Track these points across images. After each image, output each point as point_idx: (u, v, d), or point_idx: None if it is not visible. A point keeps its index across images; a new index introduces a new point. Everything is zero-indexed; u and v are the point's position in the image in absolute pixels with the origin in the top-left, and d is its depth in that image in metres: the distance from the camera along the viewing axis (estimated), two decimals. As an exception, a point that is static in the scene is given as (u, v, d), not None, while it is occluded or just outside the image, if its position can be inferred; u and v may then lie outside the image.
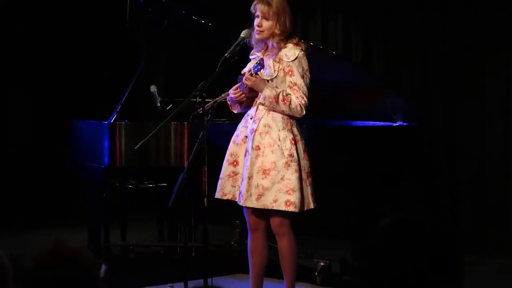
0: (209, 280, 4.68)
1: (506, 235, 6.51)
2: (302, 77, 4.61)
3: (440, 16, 6.77)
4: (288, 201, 4.54)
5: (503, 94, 6.48)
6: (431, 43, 6.83)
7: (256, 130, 4.63)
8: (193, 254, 6.21)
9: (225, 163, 4.75)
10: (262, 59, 4.70)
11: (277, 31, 4.62)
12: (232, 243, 6.60)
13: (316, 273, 5.70)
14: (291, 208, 4.55)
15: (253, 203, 4.59)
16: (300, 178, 4.59)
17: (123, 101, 6.00)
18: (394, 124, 5.83)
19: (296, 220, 4.74)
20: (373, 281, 1.86)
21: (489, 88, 6.55)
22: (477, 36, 6.57)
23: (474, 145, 6.64)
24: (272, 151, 4.57)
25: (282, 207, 4.55)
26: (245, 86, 4.69)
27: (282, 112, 4.61)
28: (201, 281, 4.69)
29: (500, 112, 6.49)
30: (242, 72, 4.73)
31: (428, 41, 6.85)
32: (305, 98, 4.59)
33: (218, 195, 4.75)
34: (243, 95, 4.72)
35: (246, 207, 4.67)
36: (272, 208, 4.58)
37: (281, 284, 4.86)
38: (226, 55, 4.64)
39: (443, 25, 6.75)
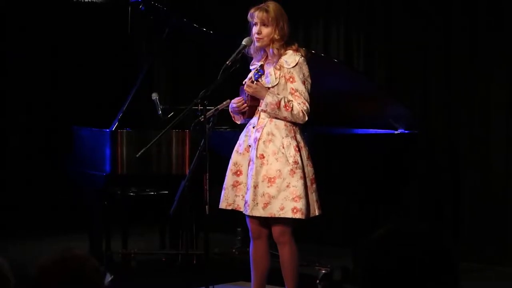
0: (211, 288, 4.67)
1: (507, 243, 6.50)
2: (303, 83, 4.61)
3: (441, 24, 6.77)
4: (295, 208, 4.54)
5: (505, 101, 6.47)
6: (433, 51, 6.83)
7: (259, 138, 4.62)
8: (194, 262, 6.21)
9: (228, 173, 4.75)
10: (262, 65, 4.71)
11: (276, 36, 4.63)
12: (234, 251, 6.59)
13: (318, 281, 5.70)
14: (298, 215, 4.54)
15: (259, 212, 4.58)
16: (305, 185, 4.59)
17: (124, 108, 6.00)
18: (396, 132, 5.83)
19: (298, 227, 4.74)
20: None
21: (491, 95, 6.55)
22: (479, 43, 6.57)
23: (476, 153, 6.63)
24: (276, 159, 4.57)
25: (289, 215, 4.55)
26: (246, 94, 4.70)
27: (285, 119, 4.61)
28: (203, 289, 4.68)
29: (503, 120, 6.48)
30: (244, 82, 4.73)
31: (429, 49, 6.85)
32: (307, 104, 4.59)
33: (222, 205, 4.75)
34: (245, 104, 4.72)
35: (254, 216, 4.66)
36: (279, 216, 4.57)
37: (283, 292, 4.86)
38: (227, 62, 4.64)
39: (445, 33, 6.75)
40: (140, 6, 6.06)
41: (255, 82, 4.63)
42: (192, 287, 4.89)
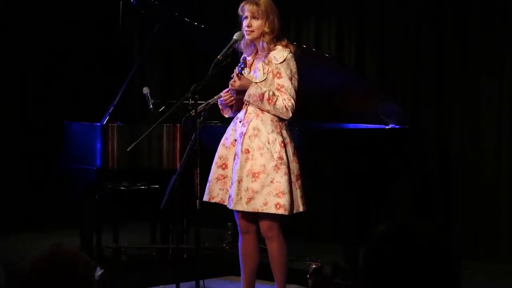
0: (201, 282, 4.68)
1: (498, 239, 6.51)
2: (290, 79, 4.61)
3: (434, 21, 6.78)
4: (278, 204, 4.54)
5: (496, 98, 6.48)
6: (424, 47, 6.84)
7: (245, 133, 4.63)
8: (185, 256, 6.21)
9: (213, 166, 4.75)
10: (245, 57, 4.71)
11: (266, 30, 4.63)
12: (224, 245, 6.60)
13: (308, 276, 5.71)
14: (281, 211, 4.55)
15: (243, 206, 4.59)
16: (290, 181, 4.59)
17: (115, 102, 5.99)
18: (386, 127, 5.83)
19: (288, 223, 4.74)
20: (370, 286, 1.87)
21: (482, 92, 6.56)
22: (471, 40, 6.58)
23: (467, 149, 6.65)
24: (261, 154, 4.57)
25: (272, 210, 4.55)
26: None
27: (268, 112, 4.61)
28: (193, 283, 4.68)
29: (494, 117, 6.50)
30: (232, 76, 4.73)
31: (421, 45, 6.86)
32: (292, 100, 4.59)
33: (206, 198, 4.74)
34: (232, 98, 4.73)
35: (236, 210, 4.67)
36: (262, 211, 4.58)
37: (272, 286, 4.86)
38: (218, 57, 4.64)
39: (437, 30, 6.76)
40: (132, 1, 6.06)
41: (238, 75, 4.62)
42: (183, 282, 4.89)
